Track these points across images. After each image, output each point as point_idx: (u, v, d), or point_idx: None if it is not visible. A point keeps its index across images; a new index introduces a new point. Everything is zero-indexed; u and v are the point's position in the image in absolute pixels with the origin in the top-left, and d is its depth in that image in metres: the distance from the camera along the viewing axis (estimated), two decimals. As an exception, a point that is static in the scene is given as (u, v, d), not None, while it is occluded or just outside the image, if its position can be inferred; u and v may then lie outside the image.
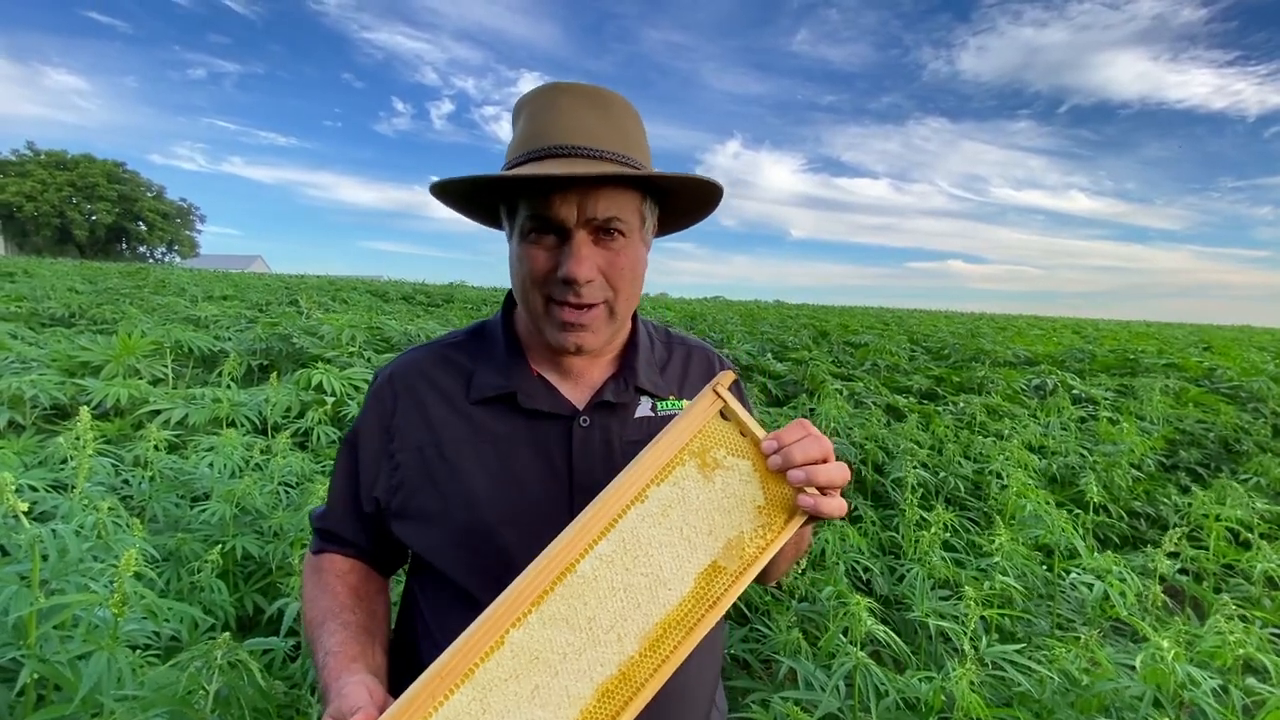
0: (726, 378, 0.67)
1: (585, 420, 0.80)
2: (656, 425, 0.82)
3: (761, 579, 0.78)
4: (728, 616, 1.98)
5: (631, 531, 0.63)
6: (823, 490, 0.64)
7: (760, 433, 0.66)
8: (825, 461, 0.65)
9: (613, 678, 0.60)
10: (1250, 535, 2.49)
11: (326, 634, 0.74)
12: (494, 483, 0.77)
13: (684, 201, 0.82)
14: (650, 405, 0.84)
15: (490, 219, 0.86)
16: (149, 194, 59.89)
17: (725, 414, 0.67)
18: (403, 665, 0.81)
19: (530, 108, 0.77)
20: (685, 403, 0.85)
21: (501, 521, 0.76)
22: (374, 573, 0.87)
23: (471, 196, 0.81)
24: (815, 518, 0.65)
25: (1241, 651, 1.46)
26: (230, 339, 5.08)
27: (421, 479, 0.79)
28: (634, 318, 0.87)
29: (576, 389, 0.83)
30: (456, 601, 0.77)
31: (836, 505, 0.65)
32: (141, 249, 60.74)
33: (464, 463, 0.78)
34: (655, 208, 0.81)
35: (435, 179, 0.76)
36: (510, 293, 0.87)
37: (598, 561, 0.61)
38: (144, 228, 59.21)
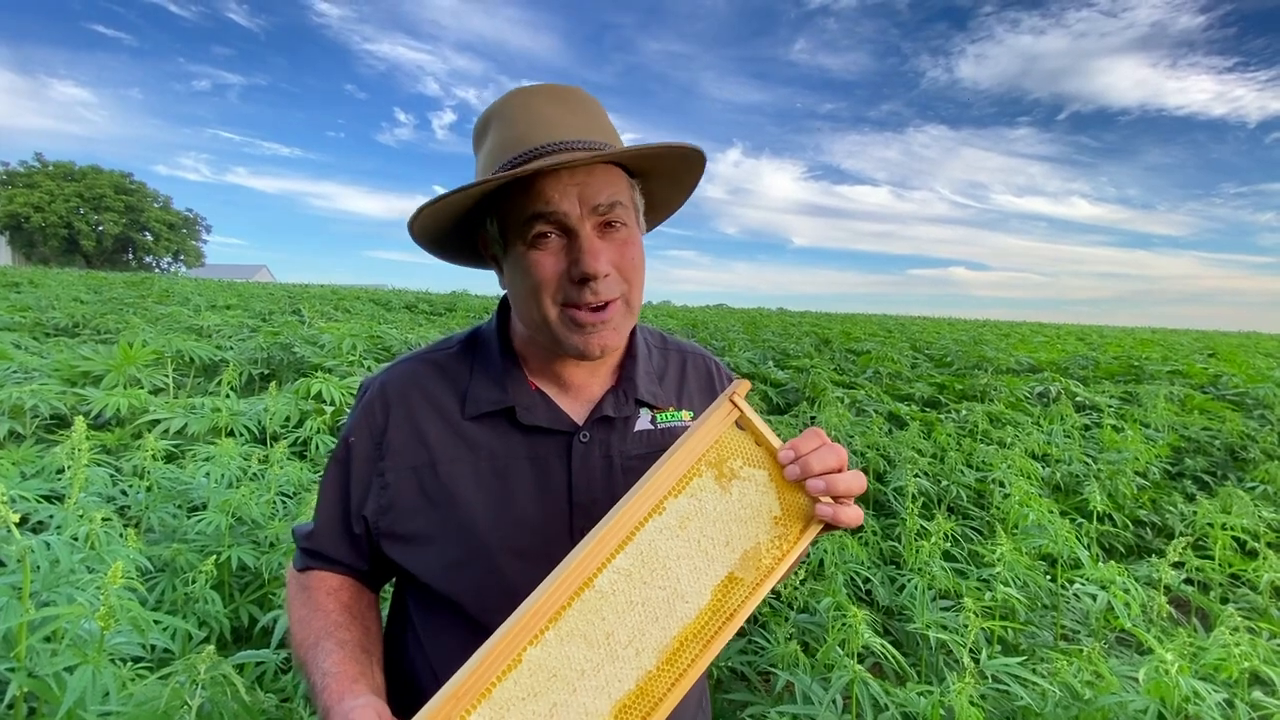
0: (743, 387, 0.66)
1: (585, 436, 0.78)
2: (656, 438, 0.81)
3: None
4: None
5: (649, 545, 0.62)
6: (839, 499, 0.64)
7: (776, 442, 0.65)
8: (841, 470, 0.64)
9: (630, 693, 0.59)
10: (1257, 544, 2.46)
11: (322, 654, 0.71)
12: (492, 504, 0.75)
13: (666, 180, 0.81)
14: (650, 418, 0.82)
15: (469, 254, 0.83)
16: (155, 204, 60.36)
17: (741, 424, 0.66)
18: (394, 682, 0.78)
19: (500, 118, 0.75)
20: (685, 414, 0.84)
21: (501, 543, 0.74)
22: (365, 588, 0.84)
23: (453, 226, 0.77)
24: (832, 527, 0.64)
25: (1247, 664, 1.43)
26: (231, 348, 5.09)
27: (416, 500, 0.76)
28: None
29: (576, 403, 0.80)
30: (452, 621, 0.75)
31: (854, 514, 0.64)
32: (148, 259, 61.14)
33: (460, 484, 0.75)
34: (641, 196, 0.80)
35: (414, 213, 0.71)
36: (504, 300, 0.84)
37: (616, 576, 0.60)
38: (150, 238, 59.62)
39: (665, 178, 0.80)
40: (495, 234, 0.75)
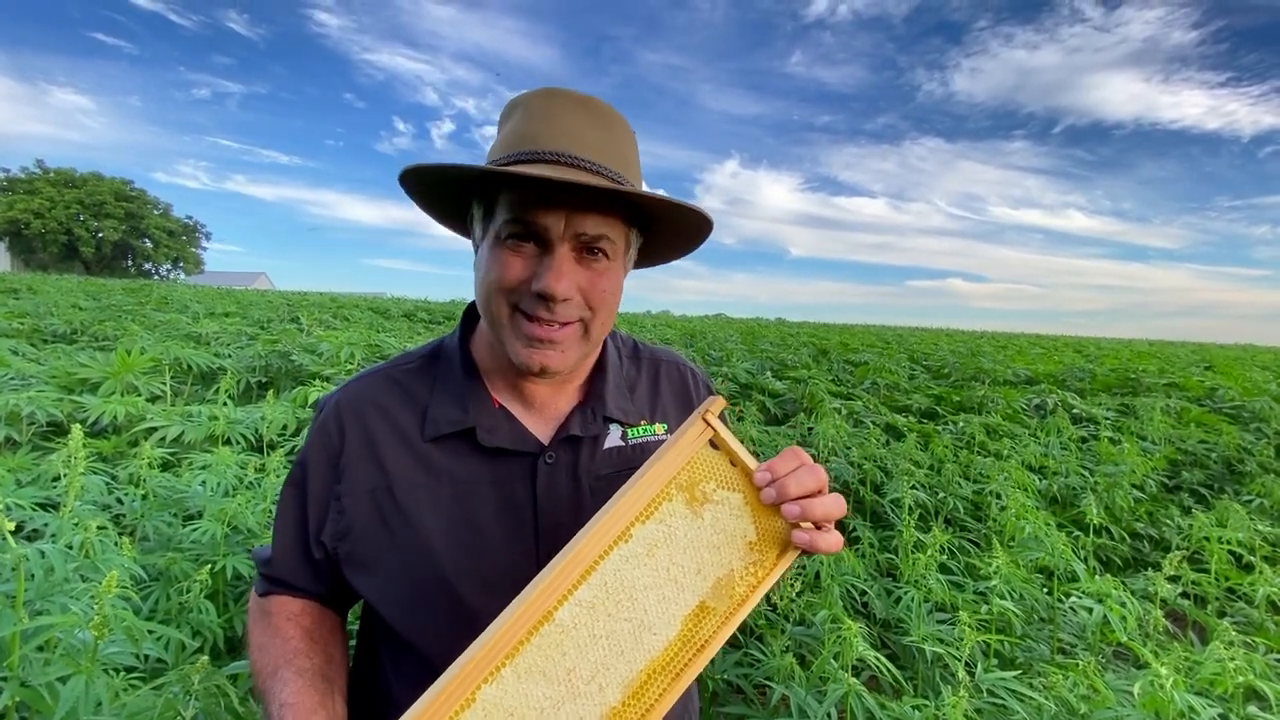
0: (716, 404, 0.63)
1: (550, 457, 0.74)
2: (628, 455, 0.78)
3: None
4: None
5: (614, 574, 0.58)
6: (818, 525, 0.61)
7: (752, 463, 0.62)
8: (820, 493, 0.61)
9: None
10: (1253, 558, 2.46)
11: (279, 684, 0.68)
12: (451, 530, 0.71)
13: (667, 235, 0.77)
14: (620, 434, 0.78)
15: (455, 220, 0.79)
16: (155, 211, 60.48)
17: (714, 443, 0.62)
18: (365, 706, 0.76)
19: (526, 109, 0.71)
20: (659, 427, 0.81)
21: (460, 573, 0.71)
22: (328, 612, 0.81)
23: (445, 189, 0.74)
24: (809, 553, 0.61)
25: (1243, 679, 1.43)
26: (230, 356, 5.09)
27: (372, 526, 0.72)
28: None
29: (541, 421, 0.77)
30: (418, 652, 0.72)
31: (833, 540, 0.61)
32: (147, 265, 61.17)
33: (419, 508, 0.72)
34: (640, 238, 0.77)
35: (406, 170, 0.68)
36: (469, 309, 0.81)
37: (578, 608, 0.57)
38: (150, 245, 59.70)
39: (666, 234, 0.77)
40: (479, 215, 0.73)
